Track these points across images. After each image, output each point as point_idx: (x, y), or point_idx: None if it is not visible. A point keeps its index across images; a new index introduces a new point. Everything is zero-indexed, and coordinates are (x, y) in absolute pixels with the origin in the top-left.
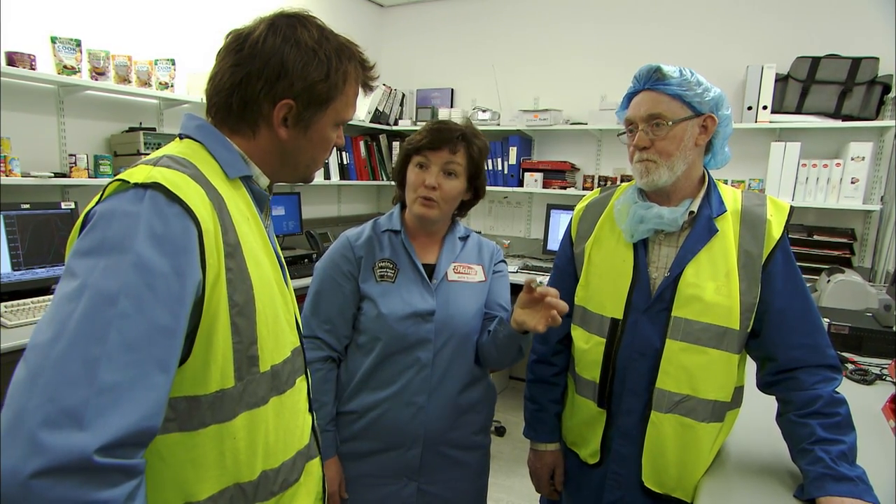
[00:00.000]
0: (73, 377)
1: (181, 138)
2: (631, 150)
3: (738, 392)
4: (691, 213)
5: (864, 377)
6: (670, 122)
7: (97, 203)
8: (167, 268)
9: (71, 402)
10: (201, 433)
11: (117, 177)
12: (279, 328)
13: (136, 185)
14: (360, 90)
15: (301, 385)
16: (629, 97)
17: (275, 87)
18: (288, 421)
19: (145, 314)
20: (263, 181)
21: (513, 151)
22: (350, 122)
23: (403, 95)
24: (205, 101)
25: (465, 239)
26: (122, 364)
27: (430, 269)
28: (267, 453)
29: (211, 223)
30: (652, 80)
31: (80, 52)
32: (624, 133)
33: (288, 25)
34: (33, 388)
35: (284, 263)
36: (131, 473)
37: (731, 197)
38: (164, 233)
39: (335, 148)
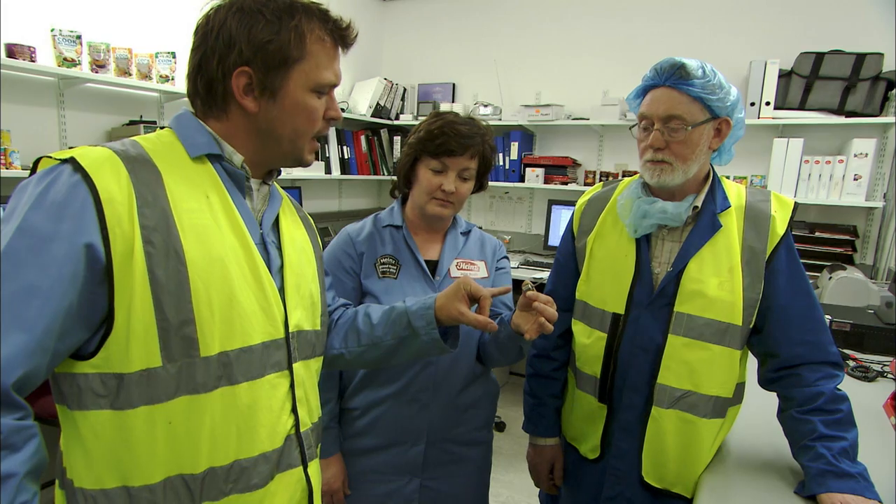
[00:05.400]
0: None
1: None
2: (641, 148)
3: (740, 388)
4: (695, 208)
5: (866, 374)
6: (689, 127)
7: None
8: (50, 231)
9: None
10: (130, 414)
11: (48, 154)
12: (237, 313)
13: (58, 160)
14: (340, 50)
15: (277, 382)
16: (646, 89)
17: (227, 60)
18: (246, 417)
19: (20, 275)
20: (237, 158)
21: (514, 147)
22: (351, 117)
23: (405, 90)
24: None
25: (466, 234)
26: None
27: (433, 265)
28: (214, 447)
29: (119, 194)
30: (674, 77)
31: (81, 45)
32: (635, 126)
33: None
34: None
35: (278, 250)
36: None
37: (735, 193)
38: (53, 199)
39: (331, 121)
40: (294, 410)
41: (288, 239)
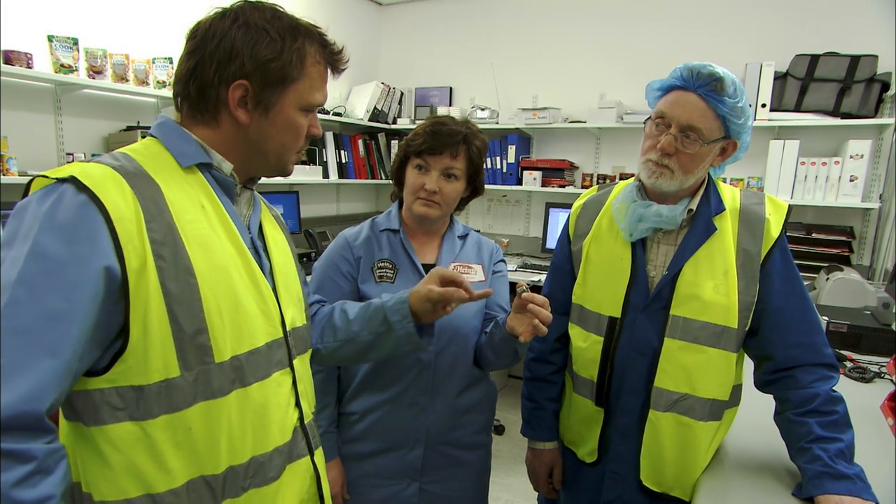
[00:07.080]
0: None
1: (145, 137)
2: (648, 144)
3: (737, 391)
4: (690, 211)
5: (863, 375)
6: (704, 143)
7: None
8: (65, 255)
9: None
10: (151, 423)
11: (42, 173)
12: (243, 318)
13: (55, 180)
14: (330, 74)
15: (282, 379)
16: (672, 87)
17: (227, 70)
18: (259, 415)
19: (38, 301)
20: (226, 167)
21: (511, 150)
22: (348, 121)
23: (402, 94)
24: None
25: (464, 238)
26: (7, 349)
27: (430, 269)
28: (232, 447)
29: (128, 211)
30: (707, 87)
31: (78, 51)
32: (648, 119)
33: (239, 10)
34: None
35: (267, 253)
36: (22, 458)
37: (730, 196)
38: (64, 221)
39: (312, 137)
40: (297, 404)
41: (272, 241)
